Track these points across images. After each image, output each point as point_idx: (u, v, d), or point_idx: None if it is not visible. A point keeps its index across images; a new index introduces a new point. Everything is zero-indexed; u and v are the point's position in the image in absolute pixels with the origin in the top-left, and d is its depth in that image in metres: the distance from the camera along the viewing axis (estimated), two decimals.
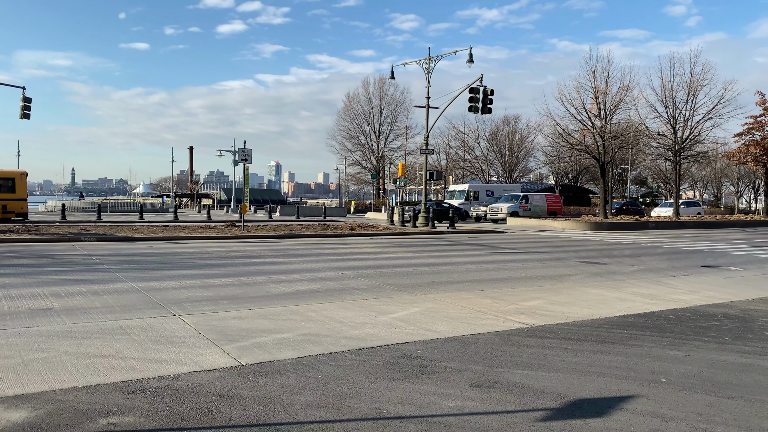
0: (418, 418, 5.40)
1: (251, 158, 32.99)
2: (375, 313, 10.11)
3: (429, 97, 34.78)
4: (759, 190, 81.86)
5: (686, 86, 45.65)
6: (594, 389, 6.41)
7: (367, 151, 70.52)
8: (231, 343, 7.85)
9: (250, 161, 33.26)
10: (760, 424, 5.54)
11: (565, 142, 49.02)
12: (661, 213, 54.16)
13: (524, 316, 10.26)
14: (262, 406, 5.59)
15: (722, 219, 51.78)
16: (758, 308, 11.84)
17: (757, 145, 56.35)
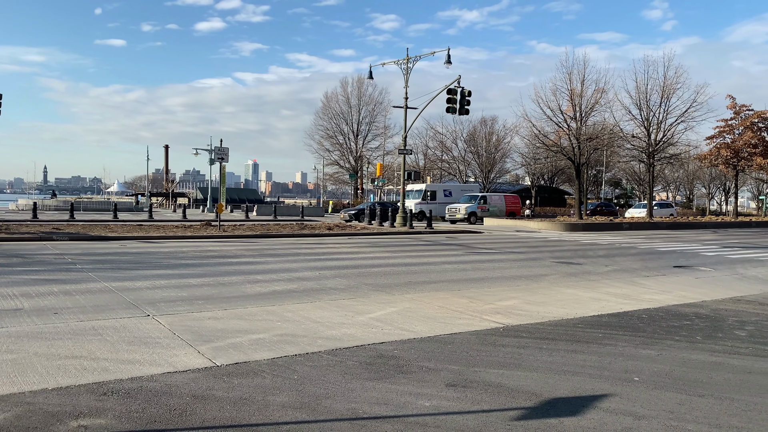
0: (394, 418, 5.40)
1: (228, 157, 32.67)
2: (352, 313, 10.09)
3: (407, 97, 34.85)
4: (729, 192, 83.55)
5: (660, 89, 46.44)
6: (568, 388, 6.47)
7: (346, 150, 70.43)
8: (206, 343, 7.77)
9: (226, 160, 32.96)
10: (729, 422, 5.65)
11: (541, 143, 49.52)
12: (635, 214, 54.96)
13: (500, 315, 10.33)
14: (237, 407, 5.54)
15: (694, 220, 52.72)
16: (728, 308, 12.08)
17: (728, 148, 57.50)
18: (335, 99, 69.75)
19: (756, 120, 57.49)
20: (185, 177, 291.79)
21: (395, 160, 67.55)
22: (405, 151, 36.66)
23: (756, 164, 59.64)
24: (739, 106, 58.11)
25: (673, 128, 47.22)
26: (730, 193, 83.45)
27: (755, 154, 57.22)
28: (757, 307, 12.26)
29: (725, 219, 57.78)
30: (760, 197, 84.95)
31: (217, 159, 32.02)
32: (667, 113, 46.65)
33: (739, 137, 57.49)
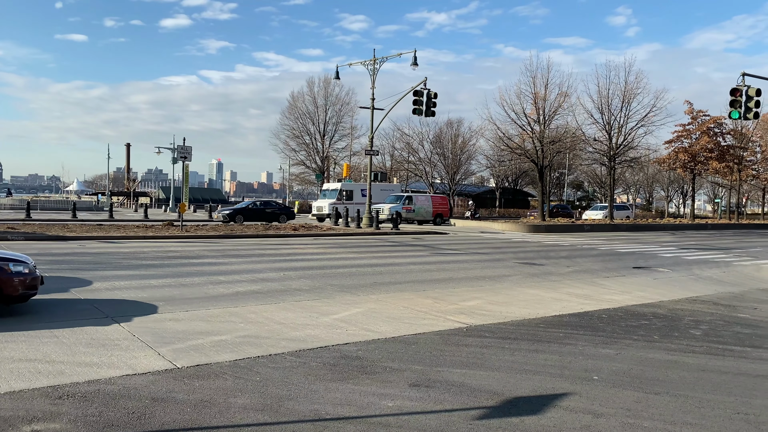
0: (357, 419, 5.39)
1: (191, 156, 32.20)
2: (317, 314, 10.05)
3: (374, 98, 34.89)
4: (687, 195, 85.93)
5: (621, 94, 47.48)
6: (530, 387, 6.56)
7: (312, 151, 70.07)
8: (166, 345, 7.64)
9: (189, 159, 32.47)
10: (683, 419, 5.80)
11: (505, 146, 50.10)
12: (592, 216, 55.89)
13: (464, 315, 10.41)
14: (197, 410, 5.46)
15: (653, 222, 54.04)
16: (684, 308, 12.41)
17: (686, 152, 59.11)
18: (302, 99, 69.41)
19: (712, 125, 59.26)
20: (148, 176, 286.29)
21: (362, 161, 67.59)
22: (371, 152, 36.69)
23: (712, 168, 61.49)
24: (696, 111, 59.84)
25: (634, 132, 48.35)
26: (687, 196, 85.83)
27: (711, 158, 58.97)
28: (712, 307, 12.63)
29: (683, 221, 59.38)
30: (716, 200, 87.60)
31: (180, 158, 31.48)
32: (628, 117, 47.75)
33: (696, 142, 59.17)
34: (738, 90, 21.05)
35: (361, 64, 35.68)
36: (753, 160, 68.56)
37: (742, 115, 21.29)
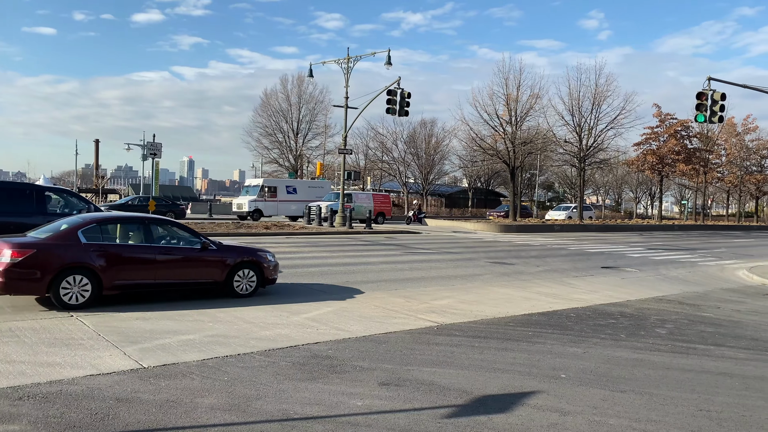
0: (325, 419, 5.36)
1: (161, 153, 31.69)
2: (287, 313, 9.98)
3: (347, 97, 34.80)
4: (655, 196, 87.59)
5: (591, 96, 48.15)
6: (498, 385, 6.60)
7: (285, 149, 69.60)
8: (133, 344, 7.50)
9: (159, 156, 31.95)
10: (648, 416, 5.90)
11: (478, 146, 50.42)
12: (555, 216, 56.15)
13: (435, 314, 10.44)
14: (163, 410, 5.37)
15: (622, 223, 54.93)
16: (651, 307, 12.64)
17: (654, 154, 60.23)
18: (275, 96, 68.86)
19: (679, 128, 60.47)
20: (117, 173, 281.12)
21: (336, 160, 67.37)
22: (345, 151, 36.61)
23: (679, 170, 62.79)
24: (664, 114, 60.98)
25: (604, 134, 49.06)
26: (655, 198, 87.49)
27: (678, 160, 60.19)
28: (677, 306, 12.89)
29: (651, 222, 60.51)
30: (683, 202, 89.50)
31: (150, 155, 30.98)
32: (598, 119, 48.44)
33: (664, 144, 60.33)
34: (704, 94, 21.50)
35: (335, 63, 35.58)
36: (718, 162, 70.18)
37: (708, 119, 21.74)
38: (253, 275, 11.48)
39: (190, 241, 11.09)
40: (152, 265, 10.40)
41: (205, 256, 11.04)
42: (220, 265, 11.10)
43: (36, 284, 9.29)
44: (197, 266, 10.93)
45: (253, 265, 11.51)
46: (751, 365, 8.21)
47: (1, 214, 12.28)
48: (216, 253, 11.17)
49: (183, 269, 10.78)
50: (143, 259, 10.34)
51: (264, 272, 11.60)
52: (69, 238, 9.81)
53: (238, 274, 11.28)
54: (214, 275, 11.07)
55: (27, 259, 9.21)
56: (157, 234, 10.89)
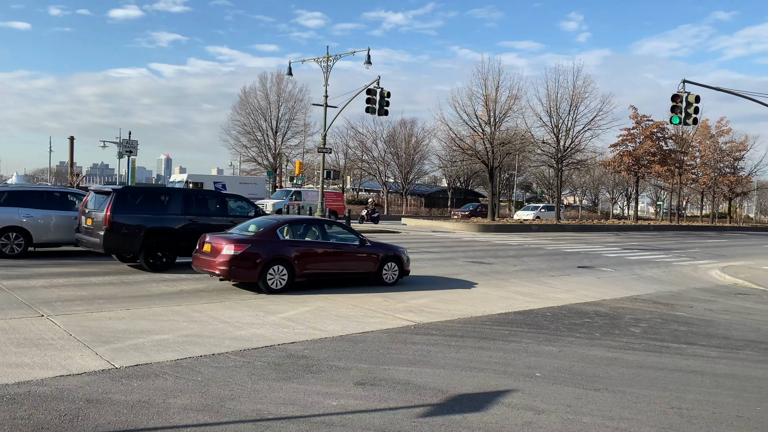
0: (299, 419, 5.32)
1: (137, 150, 31.25)
2: (263, 312, 9.91)
3: (327, 95, 34.67)
4: (631, 197, 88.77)
5: (569, 98, 48.62)
6: (474, 384, 6.62)
7: (264, 147, 69.12)
8: (105, 345, 7.38)
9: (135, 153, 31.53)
10: (620, 414, 5.96)
11: (457, 146, 50.62)
12: (523, 216, 56.15)
13: (412, 314, 10.45)
14: (134, 411, 5.29)
15: (598, 223, 55.51)
16: (625, 306, 12.79)
17: (630, 156, 61.03)
18: (254, 94, 68.35)
19: (655, 130, 61.35)
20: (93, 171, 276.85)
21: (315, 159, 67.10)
22: (324, 150, 36.47)
23: (654, 171, 63.70)
24: (640, 116, 61.82)
25: (581, 135, 49.57)
26: (631, 198, 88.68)
27: (654, 161, 61.07)
28: (651, 306, 13.06)
29: (627, 222, 61.25)
30: (658, 202, 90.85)
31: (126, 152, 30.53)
32: (576, 121, 48.93)
33: (640, 146, 61.15)
34: (679, 96, 21.82)
35: (314, 61, 35.42)
36: (693, 164, 71.35)
37: (683, 121, 22.08)
38: (396, 267, 13.85)
39: (351, 239, 13.61)
40: (327, 257, 12.86)
41: (362, 251, 13.45)
42: (374, 259, 13.51)
43: (250, 272, 11.64)
44: (357, 260, 13.36)
45: (396, 260, 13.89)
46: (722, 363, 8.34)
47: (202, 216, 15.19)
48: (370, 249, 13.59)
49: (348, 262, 13.25)
50: (322, 253, 12.78)
51: (403, 265, 14.02)
52: (271, 236, 12.22)
53: (385, 267, 13.64)
54: (369, 267, 13.48)
55: (245, 252, 11.59)
56: (329, 233, 13.40)
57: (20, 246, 15.23)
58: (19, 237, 15.23)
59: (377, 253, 13.62)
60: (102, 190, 14.94)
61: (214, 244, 11.91)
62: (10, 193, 15.62)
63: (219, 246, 11.75)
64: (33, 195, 16.03)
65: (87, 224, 14.43)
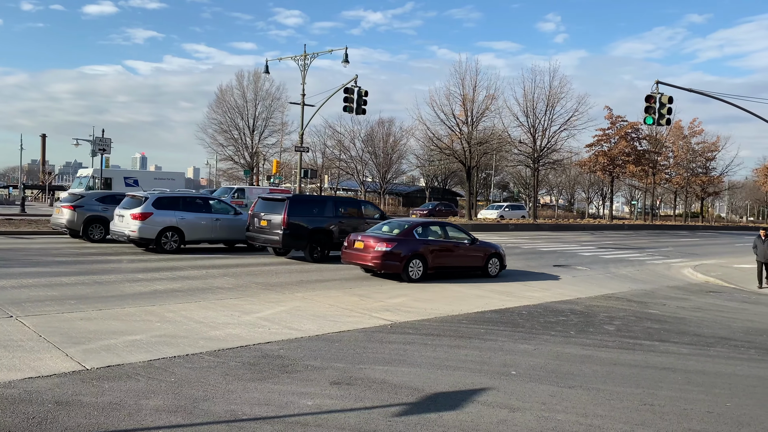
0: (274, 419, 5.28)
1: (110, 148, 30.67)
2: (239, 312, 9.81)
3: (304, 94, 34.54)
4: (606, 196, 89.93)
5: (546, 98, 49.14)
6: (450, 383, 6.63)
7: (241, 146, 68.52)
8: (76, 345, 7.24)
9: (108, 152, 30.93)
10: (594, 411, 6.02)
11: (435, 146, 50.84)
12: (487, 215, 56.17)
13: (389, 313, 10.44)
14: (105, 413, 5.19)
15: (574, 222, 56.14)
16: (600, 304, 12.94)
17: (605, 156, 61.82)
18: (230, 92, 67.70)
19: (630, 131, 62.23)
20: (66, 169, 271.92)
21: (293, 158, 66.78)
22: (302, 149, 36.30)
23: (629, 171, 64.63)
24: (615, 116, 62.65)
25: (557, 135, 50.16)
26: (606, 198, 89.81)
27: (628, 161, 61.95)
28: (625, 304, 13.23)
29: (602, 222, 62.03)
30: (633, 202, 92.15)
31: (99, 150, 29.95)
32: (552, 121, 49.48)
33: (615, 146, 61.98)
34: (652, 97, 22.14)
35: (292, 60, 35.24)
36: (666, 164, 72.51)
37: (656, 121, 22.40)
38: (498, 262, 16.39)
39: (465, 239, 16.05)
40: (449, 253, 15.47)
41: (474, 248, 15.94)
42: (482, 255, 16.07)
43: (397, 265, 14.23)
44: (470, 255, 15.90)
45: (498, 256, 16.46)
46: (693, 360, 8.48)
47: (346, 218, 18.60)
48: (479, 246, 16.14)
49: (463, 257, 15.83)
50: (445, 249, 15.36)
51: (503, 261, 16.57)
52: (409, 236, 14.80)
53: (490, 262, 16.15)
54: (478, 262, 16.02)
55: (392, 249, 14.18)
56: (449, 233, 15.86)
57: (176, 243, 17.88)
58: (174, 236, 17.84)
59: (485, 250, 16.21)
60: (272, 198, 18.85)
61: (366, 242, 14.44)
62: (167, 199, 18.35)
63: (371, 244, 14.28)
64: (184, 200, 18.82)
65: (261, 225, 17.76)
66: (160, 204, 17.83)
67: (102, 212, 19.88)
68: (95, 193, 22.14)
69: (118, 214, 17.97)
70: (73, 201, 20.24)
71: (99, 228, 19.81)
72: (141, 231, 17.16)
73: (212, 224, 18.67)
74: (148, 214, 17.34)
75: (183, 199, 18.91)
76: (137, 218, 17.21)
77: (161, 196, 18.41)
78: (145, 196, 18.17)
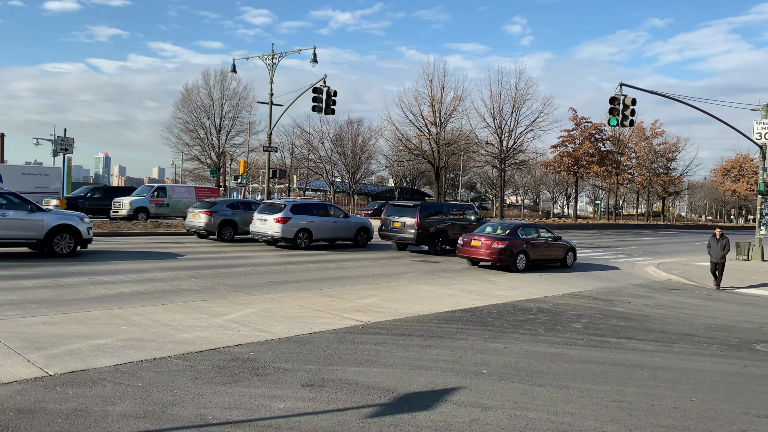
0: (245, 423, 5.20)
1: (73, 148, 29.85)
2: (207, 315, 9.66)
3: (272, 93, 34.24)
4: (571, 196, 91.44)
5: (512, 99, 49.68)
6: (422, 383, 6.63)
7: (207, 146, 67.58)
8: (38, 351, 7.03)
9: (71, 152, 30.09)
10: (564, 408, 6.09)
11: (404, 146, 50.96)
12: None
13: (360, 313, 10.41)
14: (70, 420, 5.05)
15: (539, 222, 56.92)
16: (567, 302, 13.12)
17: (570, 156, 62.86)
18: (196, 91, 66.71)
19: (594, 132, 63.40)
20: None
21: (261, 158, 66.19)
22: (270, 149, 35.98)
23: (593, 172, 65.86)
24: (579, 118, 63.76)
25: (523, 136, 50.74)
26: (571, 198, 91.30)
27: (592, 162, 63.11)
28: (592, 302, 13.44)
29: (566, 221, 63.02)
30: (596, 202, 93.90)
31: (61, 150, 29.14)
32: (518, 122, 50.05)
33: (579, 147, 63.08)
34: (616, 99, 22.59)
35: (259, 59, 34.89)
36: (629, 164, 74.09)
37: (620, 123, 22.87)
38: (572, 256, 20.48)
39: (549, 236, 19.94)
40: (541, 248, 19.36)
41: (556, 244, 20.00)
42: (562, 249, 20.15)
43: (509, 259, 18.10)
44: (555, 250, 19.95)
45: (573, 250, 20.56)
46: (658, 356, 8.65)
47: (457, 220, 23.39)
48: (560, 242, 20.18)
49: (549, 251, 19.75)
50: (539, 245, 19.28)
51: (575, 254, 20.76)
52: (515, 235, 18.70)
53: (567, 255, 20.23)
54: (560, 255, 20.07)
55: (506, 246, 18.04)
56: (540, 232, 19.86)
57: (308, 241, 21.84)
58: (306, 235, 21.80)
59: (564, 246, 20.15)
60: (403, 204, 23.38)
61: (483, 241, 18.30)
62: (300, 206, 22.60)
63: (487, 243, 18.17)
64: (311, 206, 23.26)
65: (395, 226, 22.62)
66: (295, 210, 21.99)
67: (232, 216, 23.93)
68: (226, 200, 26.35)
69: (260, 218, 21.87)
70: (209, 207, 24.14)
71: (229, 230, 23.72)
72: (283, 232, 21.28)
73: (331, 225, 22.89)
74: (287, 218, 21.36)
75: (311, 205, 23.41)
76: (280, 221, 21.25)
77: (295, 203, 22.76)
78: (283, 203, 22.39)
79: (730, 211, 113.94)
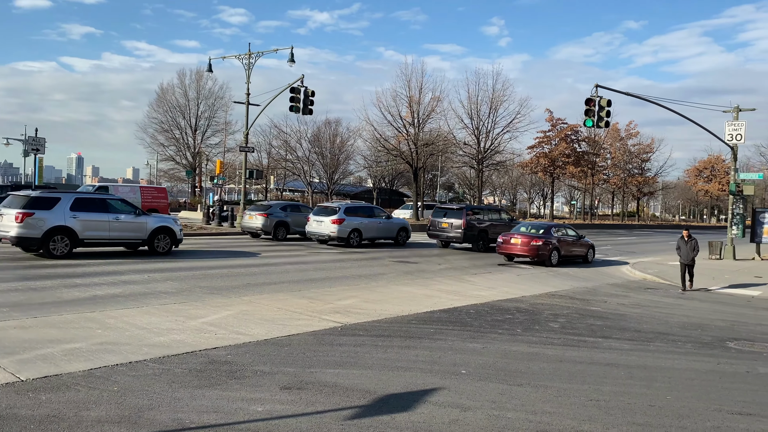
0: (223, 426, 5.14)
1: (44, 148, 29.33)
2: (183, 318, 9.54)
3: (249, 93, 33.98)
4: (547, 197, 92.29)
5: (489, 100, 49.95)
6: (401, 384, 6.63)
7: (183, 146, 66.87)
8: (9, 356, 6.88)
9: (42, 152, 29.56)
10: (543, 408, 6.13)
11: (382, 147, 50.92)
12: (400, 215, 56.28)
13: (339, 315, 10.37)
14: (43, 426, 4.94)
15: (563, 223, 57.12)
16: (544, 302, 13.23)
17: (546, 157, 63.41)
18: (172, 91, 65.98)
19: (569, 133, 64.03)
20: None
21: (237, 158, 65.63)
22: (247, 149, 35.71)
23: (569, 172, 66.51)
24: (555, 119, 64.35)
25: (500, 137, 51.04)
26: (547, 198, 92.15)
27: (568, 163, 63.74)
28: (568, 301, 13.57)
29: (543, 221, 63.56)
30: (572, 202, 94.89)
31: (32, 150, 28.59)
32: (495, 123, 50.33)
33: (556, 148, 63.65)
34: (592, 100, 22.84)
35: (236, 58, 34.61)
36: (604, 165, 74.98)
37: (596, 124, 23.13)
38: (593, 253, 23.29)
39: (575, 235, 22.98)
40: (570, 245, 22.20)
41: (581, 242, 22.88)
42: (586, 247, 23.03)
43: (545, 255, 20.65)
44: (580, 247, 22.79)
45: (593, 248, 23.51)
46: (634, 355, 8.76)
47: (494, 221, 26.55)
48: (584, 240, 23.12)
49: (576, 248, 22.51)
50: (568, 243, 22.13)
51: (595, 251, 23.76)
52: (549, 234, 21.58)
53: (588, 252, 23.01)
54: (583, 252, 22.87)
55: (543, 243, 20.64)
56: (567, 231, 23.11)
57: (359, 240, 24.37)
58: (357, 235, 24.27)
59: (586, 243, 23.07)
60: (448, 207, 27.80)
61: (522, 239, 20.86)
62: (351, 208, 25.02)
63: (526, 241, 20.73)
64: (360, 209, 25.99)
65: (443, 226, 25.72)
66: (348, 212, 24.40)
67: (285, 218, 26.47)
68: (279, 203, 28.73)
69: (316, 219, 24.42)
70: (265, 210, 26.63)
71: (282, 230, 26.14)
72: (339, 232, 23.73)
73: (377, 226, 25.52)
74: (342, 220, 23.80)
75: (360, 208, 26.11)
76: (336, 223, 23.71)
77: (348, 206, 25.06)
78: (337, 206, 24.72)
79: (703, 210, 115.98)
